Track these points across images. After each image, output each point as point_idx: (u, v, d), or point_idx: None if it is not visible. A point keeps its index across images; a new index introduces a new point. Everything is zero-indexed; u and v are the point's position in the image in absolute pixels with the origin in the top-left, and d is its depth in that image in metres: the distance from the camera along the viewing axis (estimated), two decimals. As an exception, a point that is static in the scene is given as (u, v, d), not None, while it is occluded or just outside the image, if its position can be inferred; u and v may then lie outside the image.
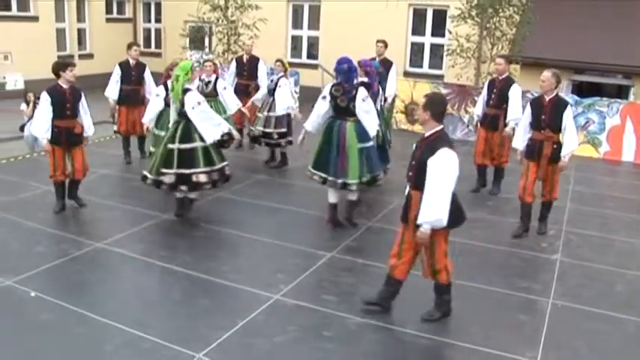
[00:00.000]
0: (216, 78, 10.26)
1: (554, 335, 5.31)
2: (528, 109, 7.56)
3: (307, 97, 17.54)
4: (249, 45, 12.04)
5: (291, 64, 21.15)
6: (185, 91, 7.22)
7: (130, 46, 10.65)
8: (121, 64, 10.32)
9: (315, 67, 20.79)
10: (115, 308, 5.44)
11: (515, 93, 8.97)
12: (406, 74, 19.23)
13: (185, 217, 7.61)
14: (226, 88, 10.21)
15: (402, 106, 14.27)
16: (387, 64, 11.02)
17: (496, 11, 13.77)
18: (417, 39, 20.21)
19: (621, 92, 15.43)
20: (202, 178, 7.26)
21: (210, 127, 7.25)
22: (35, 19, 21.46)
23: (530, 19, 13.84)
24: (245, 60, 11.73)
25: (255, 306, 5.54)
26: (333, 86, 7.40)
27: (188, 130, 7.25)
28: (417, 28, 20.15)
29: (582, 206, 8.98)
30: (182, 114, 7.26)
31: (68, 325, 5.13)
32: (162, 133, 8.17)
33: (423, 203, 5.02)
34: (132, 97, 10.24)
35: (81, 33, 23.62)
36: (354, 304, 5.66)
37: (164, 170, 7.24)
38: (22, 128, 12.53)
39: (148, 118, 8.77)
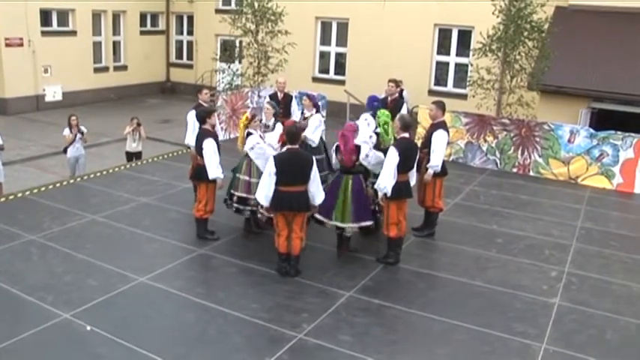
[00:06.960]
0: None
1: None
2: None
3: (333, 111, 18.28)
4: (282, 82, 12.36)
5: (319, 80, 22.10)
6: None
7: (199, 91, 10.65)
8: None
9: (342, 82, 21.56)
10: (159, 344, 6.21)
11: (438, 139, 8.96)
12: (430, 93, 19.86)
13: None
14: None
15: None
16: (397, 105, 11.54)
17: (516, 45, 14.30)
18: (442, 58, 20.85)
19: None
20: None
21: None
22: (74, 33, 22.43)
23: (548, 55, 14.34)
24: (280, 98, 12.15)
25: (281, 344, 6.28)
26: None
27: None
28: (443, 48, 20.83)
29: (587, 245, 9.46)
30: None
31: (120, 360, 5.91)
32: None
33: None
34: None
35: (116, 45, 24.55)
36: (366, 344, 6.39)
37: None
38: (65, 150, 13.17)
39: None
